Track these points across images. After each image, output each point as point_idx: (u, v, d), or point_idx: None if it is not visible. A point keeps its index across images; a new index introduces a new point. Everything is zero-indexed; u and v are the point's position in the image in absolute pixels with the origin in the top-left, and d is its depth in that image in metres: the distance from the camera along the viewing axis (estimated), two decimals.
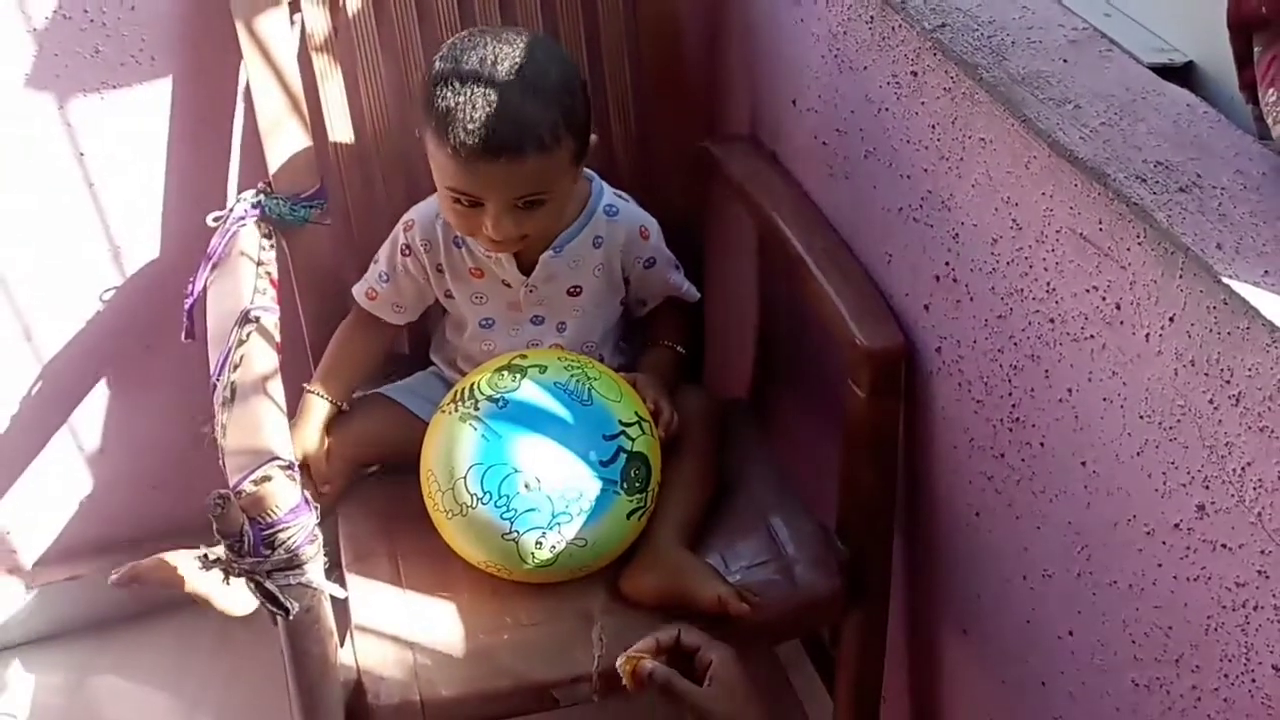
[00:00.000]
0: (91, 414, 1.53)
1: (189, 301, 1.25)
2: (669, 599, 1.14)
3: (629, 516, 1.14)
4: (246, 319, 1.14)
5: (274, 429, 1.04)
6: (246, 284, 1.19)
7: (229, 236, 1.25)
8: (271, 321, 1.16)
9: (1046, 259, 0.93)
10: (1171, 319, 0.80)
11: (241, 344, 1.12)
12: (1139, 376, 0.85)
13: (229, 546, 1.02)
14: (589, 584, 1.18)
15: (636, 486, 1.13)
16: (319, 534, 1.03)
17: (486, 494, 1.10)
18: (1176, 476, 0.83)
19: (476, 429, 1.12)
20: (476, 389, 1.14)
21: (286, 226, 1.31)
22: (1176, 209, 0.81)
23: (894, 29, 1.09)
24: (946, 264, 1.08)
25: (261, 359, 1.11)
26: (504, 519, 1.10)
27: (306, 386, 1.27)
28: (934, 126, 1.05)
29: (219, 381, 1.09)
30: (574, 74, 1.18)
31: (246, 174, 1.40)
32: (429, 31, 1.31)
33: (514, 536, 1.10)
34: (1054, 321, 0.94)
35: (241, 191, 1.30)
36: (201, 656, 1.62)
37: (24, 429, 1.50)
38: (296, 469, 1.01)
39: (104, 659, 1.66)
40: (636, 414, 1.16)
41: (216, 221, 1.28)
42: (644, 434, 1.15)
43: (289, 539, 1.01)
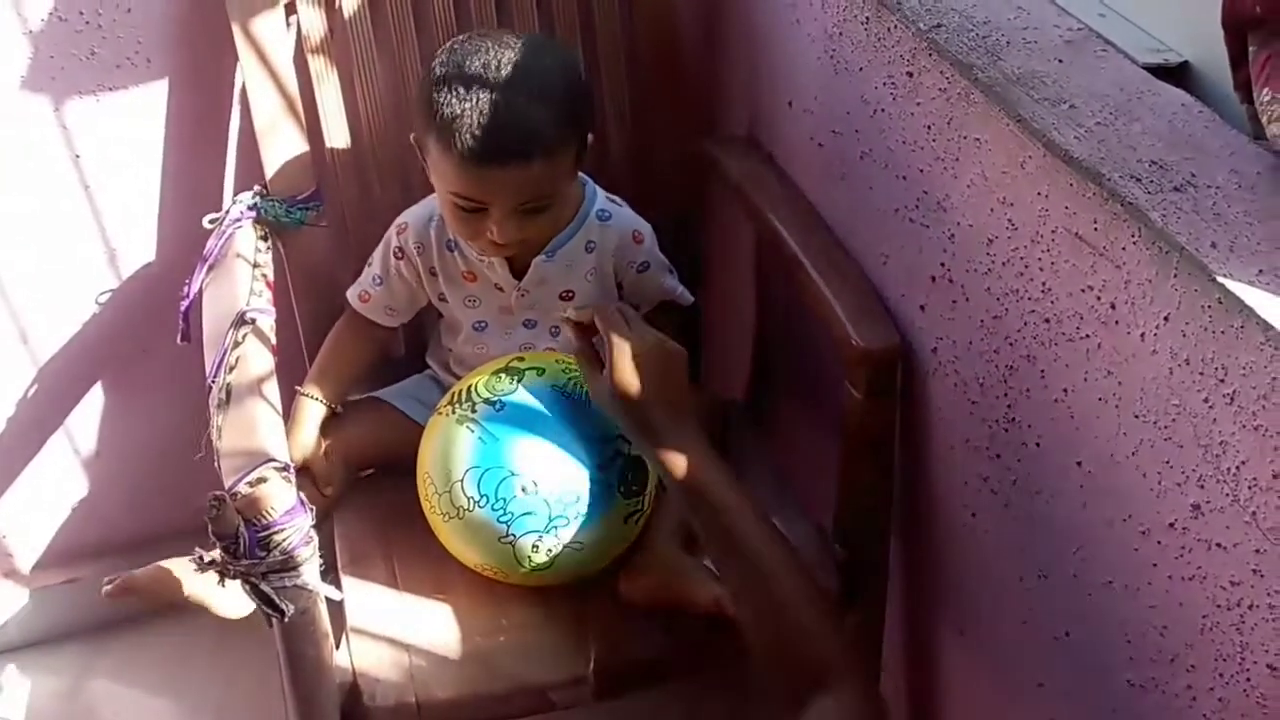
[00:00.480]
0: (88, 417, 1.52)
1: (184, 304, 1.25)
2: (666, 600, 1.14)
3: (626, 520, 1.14)
4: (242, 321, 1.13)
5: (269, 431, 1.04)
6: (242, 286, 1.19)
7: (225, 238, 1.25)
8: (267, 324, 1.16)
9: (1042, 259, 0.93)
10: (1166, 318, 0.80)
11: (237, 346, 1.11)
12: (1134, 376, 0.85)
13: (224, 548, 1.02)
14: (586, 587, 1.18)
15: (634, 490, 1.13)
16: (314, 536, 1.03)
17: (483, 497, 1.10)
18: (1171, 476, 0.83)
19: (473, 432, 1.11)
20: (474, 391, 1.14)
21: (282, 229, 1.31)
22: (1171, 208, 0.81)
23: (889, 29, 1.09)
24: (942, 264, 1.08)
25: (257, 361, 1.10)
26: (501, 522, 1.10)
27: (300, 389, 1.27)
28: (929, 127, 1.05)
29: (214, 383, 1.09)
30: (577, 73, 1.17)
31: (242, 176, 1.40)
32: (425, 33, 1.31)
33: (511, 540, 1.10)
34: (1049, 322, 0.94)
35: (238, 194, 1.30)
36: (200, 660, 1.62)
37: (20, 432, 1.50)
38: (292, 471, 1.01)
39: (102, 663, 1.65)
40: None
41: (212, 224, 1.28)
42: None
43: (284, 541, 1.01)
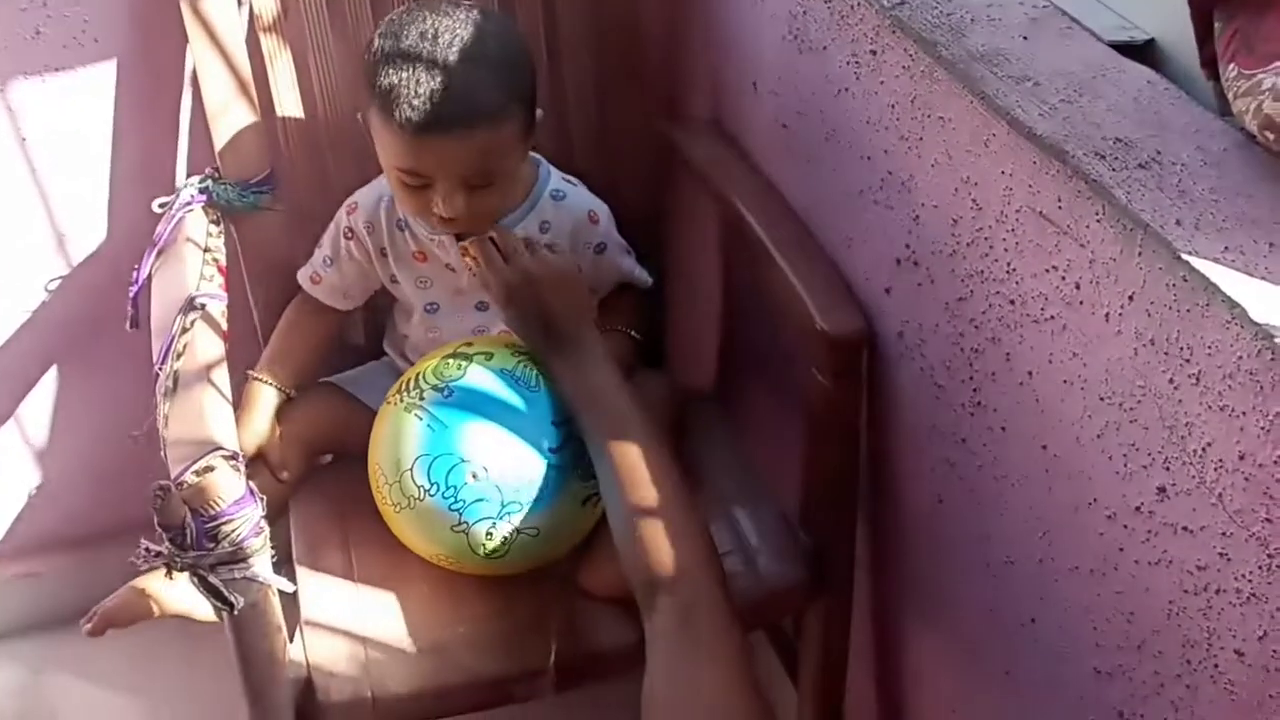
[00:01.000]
0: (41, 407, 1.49)
1: (134, 289, 1.22)
2: (627, 590, 1.12)
3: (584, 504, 1.11)
4: (191, 306, 1.10)
5: (217, 418, 1.01)
6: (192, 271, 1.16)
7: (175, 223, 1.22)
8: (218, 309, 1.13)
9: (1006, 239, 0.91)
10: (1131, 297, 0.79)
11: (185, 332, 1.08)
12: (1099, 357, 0.83)
13: (170, 540, 0.99)
14: (546, 577, 1.16)
15: (590, 473, 1.10)
16: (265, 526, 1.01)
17: (434, 485, 1.07)
18: (1137, 459, 0.81)
19: (422, 419, 1.09)
20: (422, 378, 1.12)
21: (235, 212, 1.27)
22: (1135, 186, 0.80)
23: (853, 7, 1.07)
24: (907, 246, 1.06)
25: (206, 347, 1.07)
26: (453, 510, 1.07)
27: (252, 373, 1.24)
28: (893, 106, 1.03)
29: (161, 370, 1.06)
30: (518, 44, 1.15)
31: (195, 159, 1.37)
32: (381, 12, 1.27)
33: (464, 528, 1.07)
34: (1014, 303, 0.92)
35: (190, 177, 1.27)
36: (164, 656, 1.58)
37: None
38: (241, 460, 0.98)
39: (62, 658, 1.62)
40: None
41: (162, 208, 1.25)
42: None
43: (233, 532, 0.98)
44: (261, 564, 1.01)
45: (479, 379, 1.10)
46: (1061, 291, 0.86)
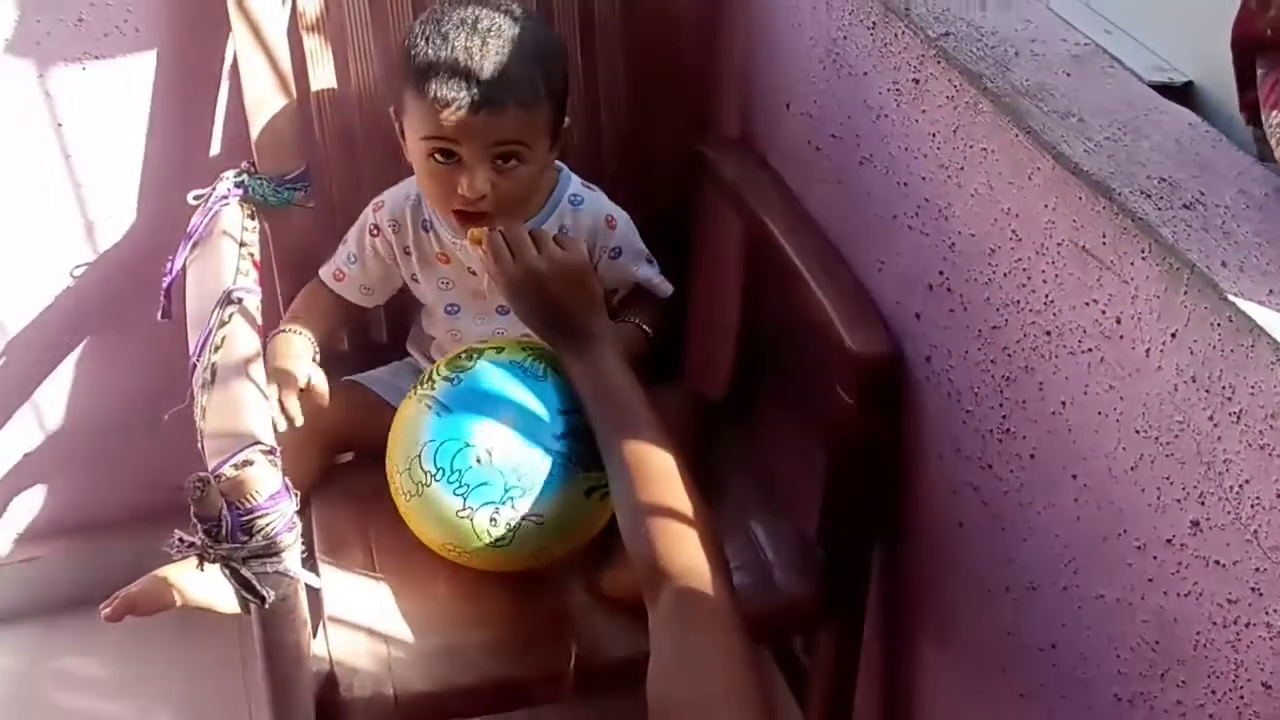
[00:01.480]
0: (55, 393, 1.49)
1: (167, 280, 1.22)
2: None
3: (588, 495, 1.11)
4: (229, 300, 1.11)
5: (255, 412, 1.02)
6: (228, 265, 1.17)
7: (211, 215, 1.23)
8: (254, 304, 1.14)
9: (1046, 271, 0.93)
10: (1174, 335, 0.81)
11: (223, 325, 1.09)
12: (1137, 391, 0.85)
13: (206, 531, 0.99)
14: (567, 581, 1.17)
15: (596, 463, 1.11)
16: (298, 521, 1.01)
17: (440, 470, 1.09)
18: (1171, 492, 0.83)
19: (431, 408, 1.11)
20: (435, 372, 1.15)
21: (269, 207, 1.28)
22: (1181, 225, 0.82)
23: (896, 35, 1.09)
24: (940, 273, 1.08)
25: (244, 341, 1.08)
26: (457, 494, 1.08)
27: (281, 329, 1.23)
28: (934, 135, 1.05)
29: (199, 362, 1.07)
30: (555, 43, 1.19)
31: (227, 152, 1.37)
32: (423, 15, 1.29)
33: (468, 513, 1.09)
34: (1050, 334, 0.94)
35: (223, 170, 1.28)
36: (161, 643, 1.58)
37: None
38: (278, 454, 0.99)
39: (59, 643, 1.62)
40: None
41: (198, 200, 1.25)
42: None
43: (268, 525, 0.99)
44: (292, 559, 1.02)
45: (487, 369, 1.13)
46: (1101, 325, 0.88)
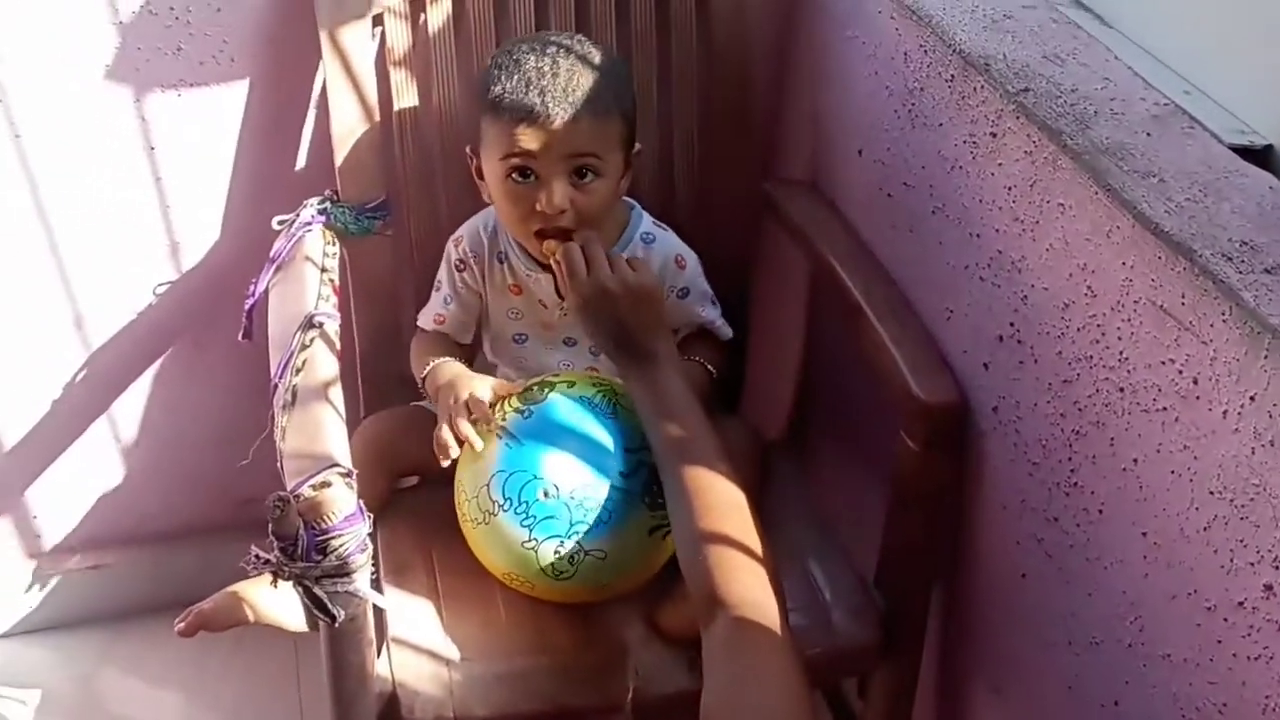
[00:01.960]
0: (132, 406, 1.53)
1: (249, 302, 1.26)
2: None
3: (650, 533, 1.13)
4: (310, 324, 1.14)
5: (334, 434, 1.04)
6: (310, 289, 1.20)
7: (294, 240, 1.26)
8: (333, 328, 1.17)
9: (1121, 328, 0.94)
10: (1252, 398, 0.81)
11: (305, 348, 1.12)
12: (1212, 452, 0.85)
13: (282, 550, 1.02)
14: (626, 613, 1.18)
15: (659, 503, 1.13)
16: (369, 544, 1.04)
17: (507, 500, 1.11)
18: (1245, 555, 0.83)
19: (501, 438, 1.13)
20: (507, 403, 1.17)
21: (349, 235, 1.31)
22: (1263, 290, 0.82)
23: (975, 89, 1.10)
24: (1011, 324, 1.08)
25: (324, 364, 1.11)
26: (523, 526, 1.11)
27: (430, 362, 1.25)
28: (1010, 188, 1.06)
29: (280, 384, 1.10)
30: (621, 64, 1.23)
31: (310, 179, 1.41)
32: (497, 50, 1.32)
33: (533, 544, 1.11)
34: (1124, 391, 0.94)
35: (305, 196, 1.31)
36: (216, 655, 1.62)
37: (64, 416, 1.51)
38: (354, 477, 1.02)
39: (119, 651, 1.65)
40: None
41: (281, 224, 1.29)
42: None
43: (341, 546, 1.01)
44: (363, 580, 1.04)
45: (559, 404, 1.14)
46: (1177, 385, 0.88)
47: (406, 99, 1.32)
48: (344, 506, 1.00)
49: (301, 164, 1.41)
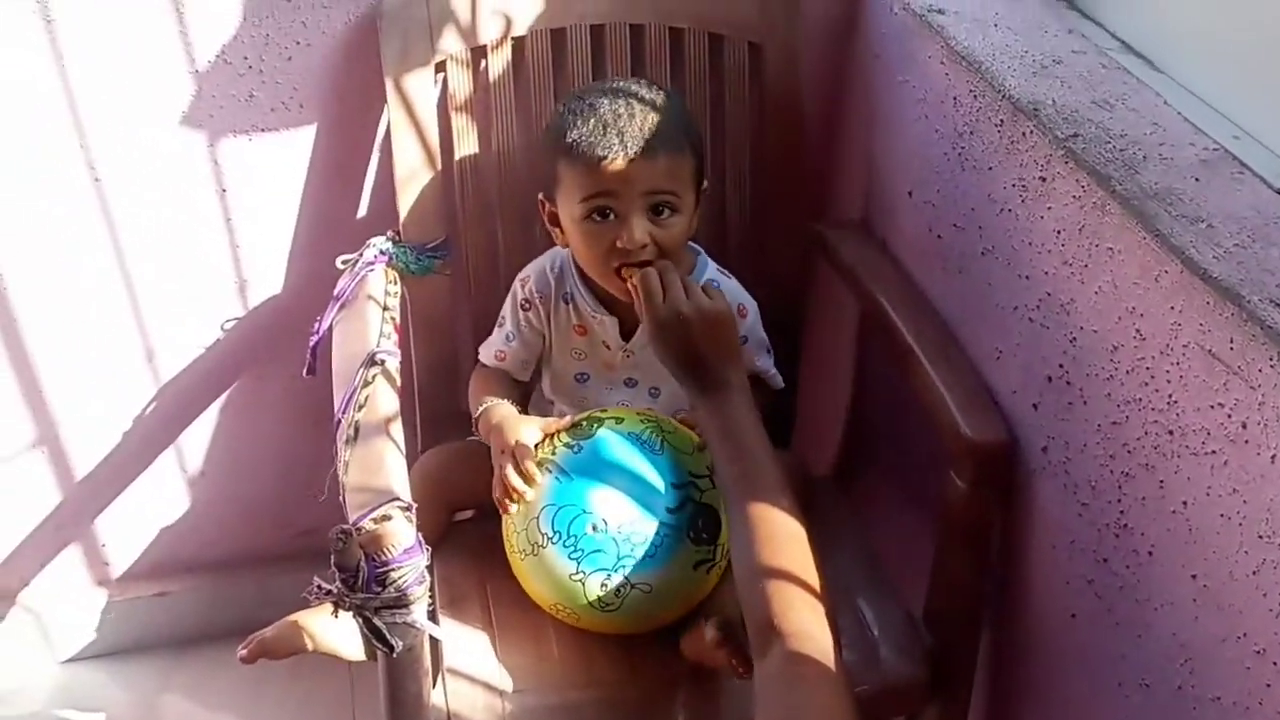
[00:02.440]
0: (199, 438, 1.58)
1: (314, 339, 1.30)
2: (716, 659, 1.14)
3: (695, 567, 1.15)
4: (372, 361, 1.18)
5: (395, 469, 1.08)
6: (373, 327, 1.24)
7: (358, 279, 1.30)
8: (394, 365, 1.20)
9: (1170, 371, 0.94)
10: None
11: (367, 385, 1.16)
12: (1261, 496, 0.86)
13: (343, 580, 1.06)
14: (674, 649, 1.20)
15: (704, 538, 1.15)
16: (427, 576, 1.07)
17: (556, 534, 1.14)
18: None
19: (551, 472, 1.16)
20: (557, 438, 1.19)
21: (410, 274, 1.36)
22: None
23: (1024, 134, 1.12)
24: (1060, 366, 1.09)
25: (386, 401, 1.15)
26: (571, 559, 1.13)
27: (483, 403, 1.27)
28: (1059, 232, 1.08)
29: (343, 419, 1.14)
30: (687, 108, 1.28)
31: (372, 220, 1.46)
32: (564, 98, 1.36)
33: (580, 577, 1.13)
34: (1173, 434, 0.95)
35: (367, 236, 1.36)
36: (274, 684, 1.65)
37: (134, 447, 1.56)
38: (414, 511, 1.05)
39: (178, 678, 1.69)
40: (709, 468, 1.18)
41: (345, 264, 1.34)
42: (715, 488, 1.17)
43: (400, 578, 1.05)
44: (420, 611, 1.07)
45: (608, 439, 1.17)
46: (1226, 429, 0.89)
47: (467, 143, 1.36)
48: (404, 540, 1.04)
49: (364, 205, 1.46)
